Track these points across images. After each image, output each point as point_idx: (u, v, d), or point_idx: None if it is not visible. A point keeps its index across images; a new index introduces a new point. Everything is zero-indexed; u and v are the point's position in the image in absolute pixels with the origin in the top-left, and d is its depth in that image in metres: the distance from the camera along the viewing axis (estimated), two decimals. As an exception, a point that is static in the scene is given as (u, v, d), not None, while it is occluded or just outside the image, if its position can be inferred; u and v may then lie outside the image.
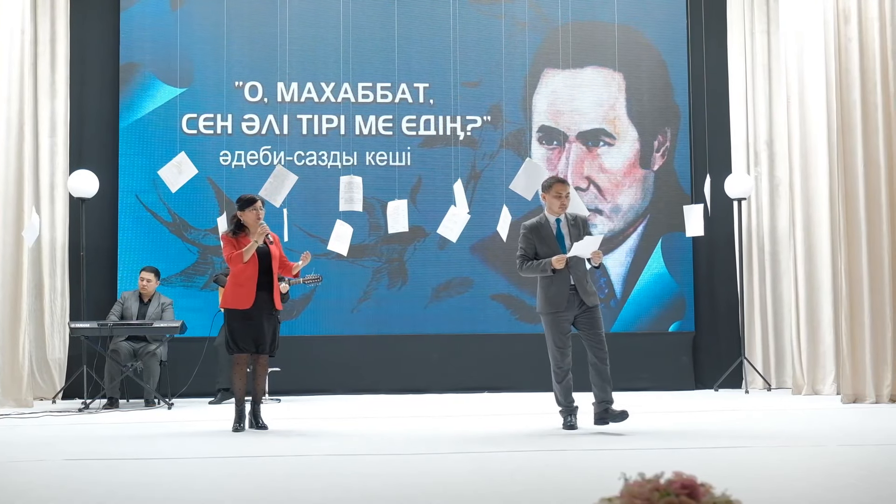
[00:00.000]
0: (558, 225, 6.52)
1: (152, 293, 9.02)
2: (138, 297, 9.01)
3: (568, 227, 6.50)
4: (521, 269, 6.51)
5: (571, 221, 6.53)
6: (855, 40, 8.26)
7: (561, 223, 6.52)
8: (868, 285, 8.13)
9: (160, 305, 8.96)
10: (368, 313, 9.95)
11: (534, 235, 6.49)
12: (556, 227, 6.50)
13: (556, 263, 6.30)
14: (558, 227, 6.51)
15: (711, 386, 9.85)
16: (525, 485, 4.32)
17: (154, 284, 9.03)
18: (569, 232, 6.49)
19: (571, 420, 6.39)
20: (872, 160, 8.19)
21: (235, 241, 6.77)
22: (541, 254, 6.44)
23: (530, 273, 6.48)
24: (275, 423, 6.97)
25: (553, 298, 6.38)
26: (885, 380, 8.08)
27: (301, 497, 4.10)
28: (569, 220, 6.53)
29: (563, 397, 6.45)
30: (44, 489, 4.36)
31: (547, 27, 10.24)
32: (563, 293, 6.37)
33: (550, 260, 6.32)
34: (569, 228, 6.50)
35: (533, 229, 6.51)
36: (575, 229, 6.49)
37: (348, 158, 10.00)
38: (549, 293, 6.40)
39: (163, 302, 9.00)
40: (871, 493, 4.04)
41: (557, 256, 6.31)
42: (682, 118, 10.31)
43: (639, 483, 2.51)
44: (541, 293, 6.47)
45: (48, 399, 9.23)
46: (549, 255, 6.39)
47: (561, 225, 6.52)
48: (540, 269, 6.39)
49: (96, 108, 9.97)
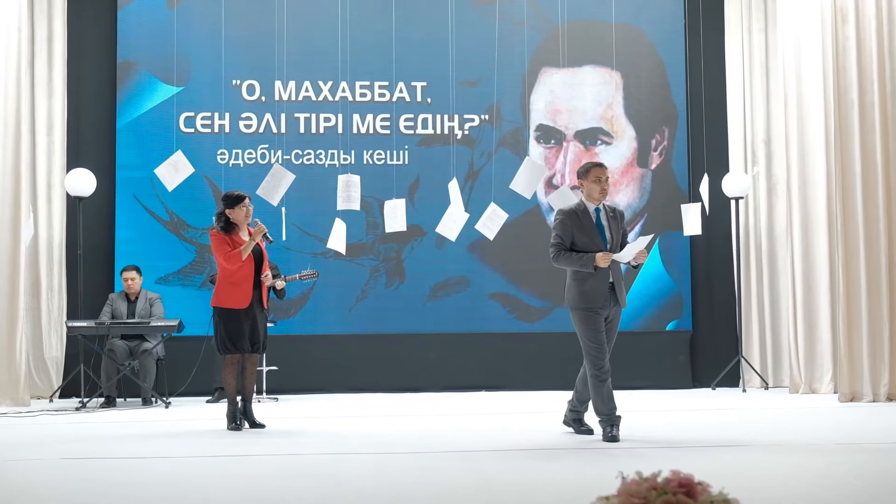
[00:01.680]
0: (598, 214, 5.97)
1: (138, 291, 9.02)
2: (125, 297, 9.00)
3: (607, 218, 5.98)
4: (557, 260, 5.94)
5: (611, 213, 6.02)
6: (852, 39, 8.27)
7: (601, 213, 5.97)
8: (865, 284, 8.13)
9: (148, 301, 8.96)
10: (366, 312, 9.95)
11: (572, 223, 5.92)
12: (595, 216, 5.95)
13: (600, 262, 5.79)
14: (598, 216, 5.96)
15: (709, 385, 9.85)
16: (522, 484, 4.31)
17: (139, 282, 9.02)
18: (608, 224, 5.96)
19: (613, 431, 5.73)
20: (869, 159, 8.20)
21: (229, 238, 6.73)
22: (578, 243, 5.88)
23: (567, 265, 5.92)
24: (272, 421, 6.97)
25: (589, 294, 5.86)
26: (881, 378, 8.08)
27: (297, 496, 4.10)
28: (607, 212, 6.00)
29: (605, 405, 5.77)
30: (41, 488, 4.36)
31: (545, 26, 10.23)
32: (601, 290, 5.85)
33: (595, 256, 5.80)
34: (608, 220, 5.97)
35: (571, 216, 5.94)
36: (615, 222, 5.99)
37: (346, 157, 9.99)
38: (584, 287, 5.86)
39: (150, 297, 9.00)
40: (867, 492, 4.04)
41: (603, 254, 5.81)
42: (679, 117, 10.31)
43: (636, 482, 2.51)
44: (574, 286, 5.91)
45: (45, 398, 9.23)
46: (589, 245, 5.87)
47: (601, 215, 5.97)
48: (580, 264, 5.85)
49: (93, 107, 9.96)
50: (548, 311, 10.01)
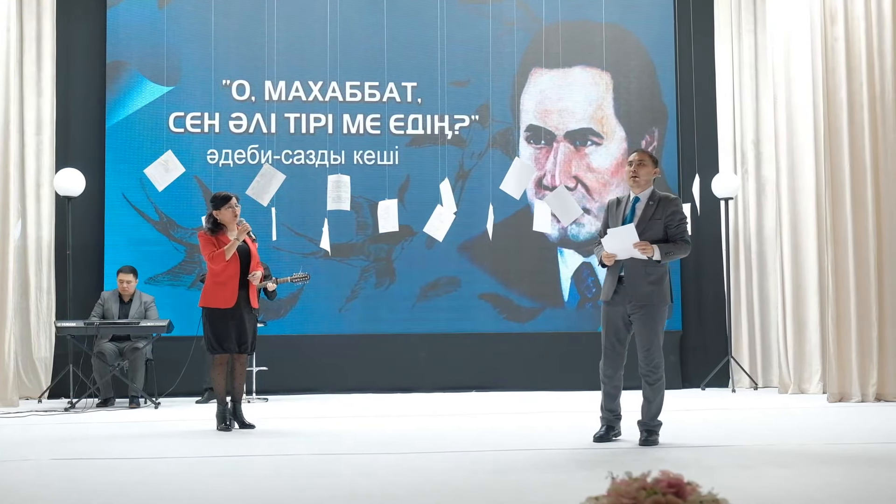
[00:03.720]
0: (634, 204, 5.65)
1: (132, 293, 8.98)
2: (118, 298, 8.96)
3: (645, 207, 5.60)
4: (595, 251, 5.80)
5: (650, 202, 5.61)
6: (841, 40, 8.29)
7: (638, 203, 5.63)
8: (854, 284, 8.16)
9: (142, 304, 8.92)
10: (356, 312, 9.94)
11: (608, 213, 5.75)
12: (631, 205, 5.65)
13: (604, 259, 5.61)
14: (633, 206, 5.65)
15: (698, 385, 9.87)
16: (512, 483, 4.32)
17: (134, 284, 8.98)
18: (643, 214, 5.59)
19: (600, 431, 5.67)
20: (858, 160, 8.23)
21: (215, 239, 6.73)
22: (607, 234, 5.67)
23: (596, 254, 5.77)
24: (262, 422, 6.96)
25: (604, 286, 5.71)
26: (870, 378, 8.11)
27: (288, 496, 4.09)
28: (648, 201, 5.62)
29: (604, 402, 5.69)
30: (29, 489, 4.34)
31: (535, 26, 10.24)
32: (611, 283, 5.61)
33: (600, 249, 5.66)
34: (644, 210, 5.60)
35: (610, 205, 5.77)
36: (650, 211, 5.58)
37: (336, 157, 9.98)
38: (604, 281, 5.72)
39: (144, 301, 8.96)
40: (856, 491, 4.05)
41: (606, 252, 5.59)
42: (669, 118, 10.33)
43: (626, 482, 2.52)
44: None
45: (34, 398, 9.19)
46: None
47: (637, 205, 5.63)
48: (596, 254, 5.74)
49: (83, 107, 9.92)
50: (538, 312, 10.02)
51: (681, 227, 5.62)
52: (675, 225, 5.60)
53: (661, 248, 5.53)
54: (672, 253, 5.58)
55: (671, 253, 5.57)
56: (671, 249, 5.56)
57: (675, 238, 5.60)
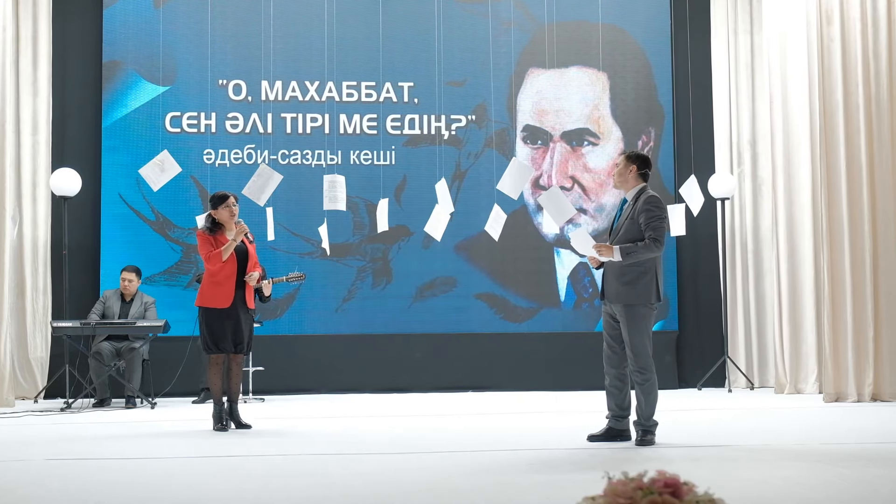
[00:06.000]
0: (622, 205, 5.70)
1: (134, 292, 8.98)
2: (120, 297, 8.96)
3: (629, 207, 5.60)
4: None
5: (634, 202, 5.60)
6: (837, 41, 8.31)
7: (626, 203, 5.66)
8: (850, 284, 8.17)
9: (143, 305, 8.92)
10: (352, 312, 9.93)
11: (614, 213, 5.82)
12: (620, 206, 5.74)
13: (590, 262, 5.68)
14: (622, 206, 5.70)
15: (695, 385, 9.88)
16: (508, 483, 4.32)
17: (136, 284, 8.98)
18: (624, 214, 5.61)
19: (598, 430, 5.69)
20: (854, 160, 8.24)
21: (213, 238, 6.72)
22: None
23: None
24: (258, 422, 6.95)
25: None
26: (866, 378, 8.12)
27: (284, 496, 4.09)
28: (632, 201, 5.62)
29: (606, 401, 5.70)
30: (25, 489, 4.34)
31: (532, 27, 10.24)
32: (603, 283, 5.69)
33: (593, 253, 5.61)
34: (627, 210, 5.60)
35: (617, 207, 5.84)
36: (629, 211, 5.59)
37: (332, 157, 9.98)
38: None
39: (145, 301, 8.95)
40: (852, 491, 4.06)
41: (589, 255, 5.61)
42: (665, 118, 10.34)
43: (622, 482, 2.52)
44: None
45: (30, 398, 9.17)
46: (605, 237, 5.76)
47: (625, 206, 5.66)
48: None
49: (79, 106, 9.91)
50: (534, 312, 10.02)
51: (650, 225, 5.50)
52: (644, 223, 5.52)
53: (623, 249, 5.47)
54: (635, 253, 5.48)
55: (634, 253, 5.48)
56: (634, 250, 5.48)
57: (644, 237, 5.52)
